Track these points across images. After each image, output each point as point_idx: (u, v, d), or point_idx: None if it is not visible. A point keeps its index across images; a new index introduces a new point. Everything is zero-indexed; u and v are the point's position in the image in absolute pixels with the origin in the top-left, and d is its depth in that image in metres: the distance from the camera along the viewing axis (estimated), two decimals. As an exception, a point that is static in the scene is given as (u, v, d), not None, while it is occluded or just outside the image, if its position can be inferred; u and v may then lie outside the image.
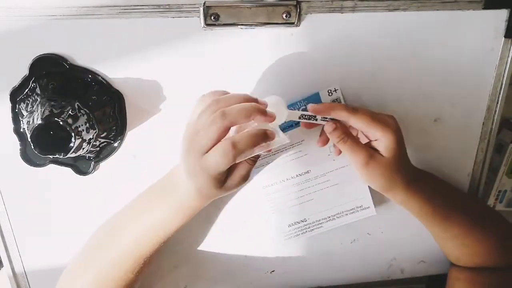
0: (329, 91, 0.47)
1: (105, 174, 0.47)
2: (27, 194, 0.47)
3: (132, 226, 0.45)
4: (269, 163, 0.49)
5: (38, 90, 0.42)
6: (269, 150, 0.42)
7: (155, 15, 0.41)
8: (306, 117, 0.43)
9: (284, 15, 0.42)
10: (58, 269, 0.50)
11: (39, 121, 0.37)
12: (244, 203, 0.50)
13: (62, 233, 0.49)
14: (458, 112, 0.50)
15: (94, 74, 0.43)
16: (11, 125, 0.43)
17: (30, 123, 0.39)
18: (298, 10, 0.42)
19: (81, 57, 0.42)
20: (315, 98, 0.47)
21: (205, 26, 0.42)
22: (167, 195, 0.44)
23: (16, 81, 0.42)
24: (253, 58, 0.45)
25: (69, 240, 0.49)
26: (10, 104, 0.42)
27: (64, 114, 0.38)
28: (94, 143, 0.43)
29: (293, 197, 0.50)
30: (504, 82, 0.49)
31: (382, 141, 0.42)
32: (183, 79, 0.45)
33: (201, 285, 0.54)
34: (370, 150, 0.43)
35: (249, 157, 0.39)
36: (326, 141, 0.46)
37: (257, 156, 0.41)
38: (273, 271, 0.55)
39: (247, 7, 0.42)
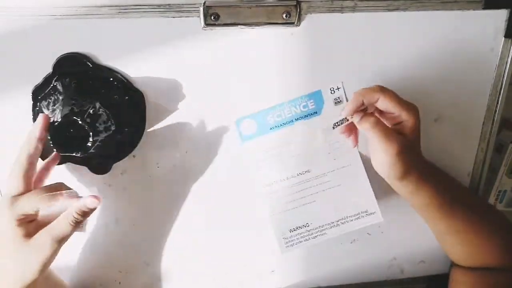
0: (332, 89, 0.47)
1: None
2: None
3: None
4: (272, 162, 0.49)
5: (60, 89, 0.42)
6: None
7: (155, 15, 0.41)
8: (338, 123, 0.45)
9: (284, 15, 0.42)
10: (58, 269, 0.50)
11: (59, 119, 0.38)
12: (244, 202, 0.50)
13: (62, 233, 0.49)
14: (458, 112, 0.50)
15: (116, 73, 0.43)
16: (11, 124, 0.43)
17: (51, 121, 0.39)
18: (298, 10, 0.42)
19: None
20: (317, 96, 0.47)
21: (205, 26, 0.42)
22: None
23: (36, 80, 0.42)
24: (253, 58, 0.45)
25: (69, 240, 0.49)
26: (32, 102, 0.42)
27: (84, 113, 0.38)
28: (112, 142, 0.43)
29: (294, 198, 0.50)
30: (504, 82, 0.49)
31: (409, 122, 0.43)
32: (182, 79, 0.45)
33: (201, 285, 0.54)
34: (400, 136, 0.43)
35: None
36: (355, 137, 0.46)
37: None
38: (273, 271, 0.55)
39: (247, 7, 0.42)
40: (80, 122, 0.38)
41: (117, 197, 0.48)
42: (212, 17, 0.41)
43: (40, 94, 0.42)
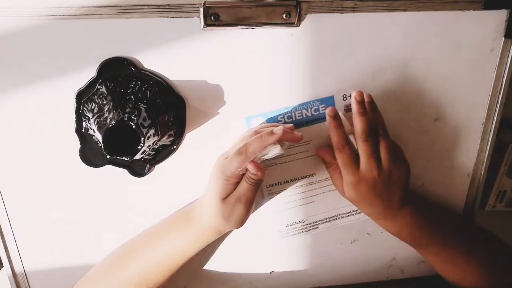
0: (344, 96, 0.47)
1: (104, 173, 0.47)
2: (28, 194, 0.47)
3: (151, 250, 0.46)
4: (276, 163, 0.49)
5: (104, 92, 0.42)
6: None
7: (155, 15, 0.41)
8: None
9: (284, 15, 0.42)
10: (58, 269, 0.50)
11: (113, 123, 0.38)
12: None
13: (62, 234, 0.49)
14: (458, 112, 0.50)
15: (160, 78, 0.43)
16: (11, 124, 0.43)
17: (102, 124, 0.39)
18: (298, 10, 0.42)
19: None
20: (329, 101, 0.47)
21: (205, 26, 0.42)
22: (190, 221, 0.46)
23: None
24: (253, 58, 0.45)
25: (69, 240, 0.49)
26: (75, 105, 0.43)
27: (136, 118, 0.39)
28: (154, 146, 0.44)
29: (295, 199, 0.50)
30: (504, 82, 0.49)
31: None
32: (182, 79, 0.45)
33: (201, 285, 0.54)
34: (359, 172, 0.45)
35: (253, 172, 0.42)
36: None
37: (259, 179, 0.42)
38: (272, 271, 0.55)
39: (247, 7, 0.42)
40: (133, 127, 0.38)
41: (117, 197, 0.48)
42: (212, 17, 0.41)
43: (83, 97, 0.43)
